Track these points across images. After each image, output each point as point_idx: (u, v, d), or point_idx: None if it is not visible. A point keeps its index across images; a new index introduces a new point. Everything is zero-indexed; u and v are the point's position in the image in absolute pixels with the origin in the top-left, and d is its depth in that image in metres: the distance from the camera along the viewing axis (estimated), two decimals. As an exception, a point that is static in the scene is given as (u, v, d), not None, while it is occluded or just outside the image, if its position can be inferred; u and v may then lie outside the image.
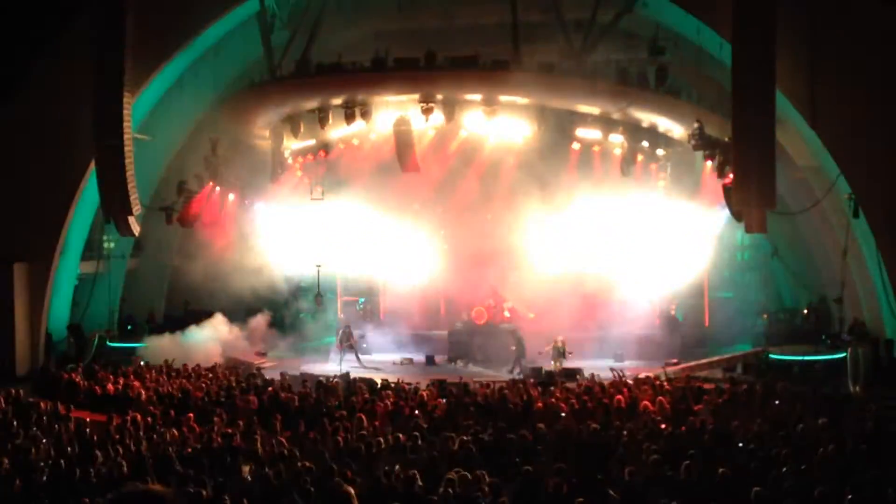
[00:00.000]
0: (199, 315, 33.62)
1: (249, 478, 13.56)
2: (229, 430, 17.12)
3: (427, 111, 26.89)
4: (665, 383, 23.31)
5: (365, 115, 27.78)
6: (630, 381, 23.59)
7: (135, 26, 25.76)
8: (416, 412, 19.63)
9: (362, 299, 36.71)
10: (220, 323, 32.45)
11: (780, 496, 11.65)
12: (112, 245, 32.98)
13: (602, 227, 31.85)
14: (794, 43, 23.02)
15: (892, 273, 24.29)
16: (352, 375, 26.31)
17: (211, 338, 31.74)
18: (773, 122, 21.84)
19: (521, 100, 27.31)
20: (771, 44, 21.47)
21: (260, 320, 33.22)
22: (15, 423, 18.65)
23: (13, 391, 22.47)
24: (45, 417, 19.46)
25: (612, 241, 32.02)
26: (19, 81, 29.02)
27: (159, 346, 30.83)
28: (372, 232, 34.95)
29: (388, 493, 11.96)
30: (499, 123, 27.69)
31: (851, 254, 26.57)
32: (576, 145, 28.48)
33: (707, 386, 23.37)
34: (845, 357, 25.32)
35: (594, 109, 27.91)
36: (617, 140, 28.29)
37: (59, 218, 29.22)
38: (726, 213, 25.90)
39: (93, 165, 26.92)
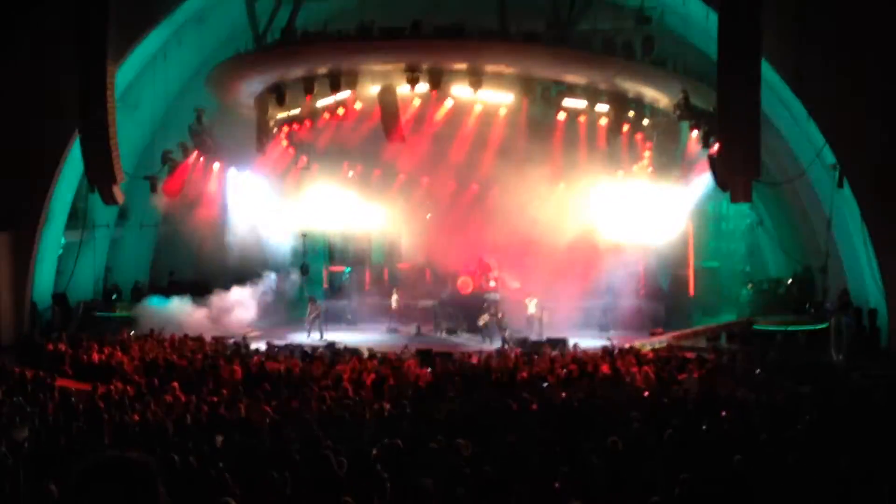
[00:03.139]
0: (184, 285, 33.58)
1: (223, 447, 13.53)
2: (215, 399, 17.13)
3: (412, 81, 26.81)
4: (649, 353, 23.41)
5: (350, 84, 27.69)
6: (615, 351, 23.67)
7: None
8: (401, 382, 19.68)
9: (348, 269, 36.70)
10: (205, 292, 32.38)
11: (761, 464, 11.72)
12: (96, 214, 32.80)
13: (587, 197, 31.91)
14: (780, 11, 22.93)
15: (876, 243, 24.37)
16: (337, 345, 26.33)
17: (196, 308, 31.69)
18: (759, 92, 21.77)
19: (507, 70, 27.24)
20: (757, 13, 21.37)
21: (245, 290, 33.13)
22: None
23: (-3, 360, 22.46)
24: (29, 386, 19.43)
25: (597, 211, 32.11)
26: (2, 46, 28.73)
27: (145, 316, 30.81)
28: (357, 201, 35.00)
29: (372, 462, 11.99)
30: (484, 93, 27.62)
31: (835, 224, 26.65)
32: (561, 115, 28.43)
33: (691, 355, 23.47)
34: (829, 326, 25.45)
35: (580, 79, 27.85)
36: (602, 110, 28.25)
37: (43, 187, 29.06)
38: (711, 182, 25.89)
39: (77, 134, 26.73)
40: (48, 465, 12.04)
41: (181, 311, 31.24)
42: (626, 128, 28.65)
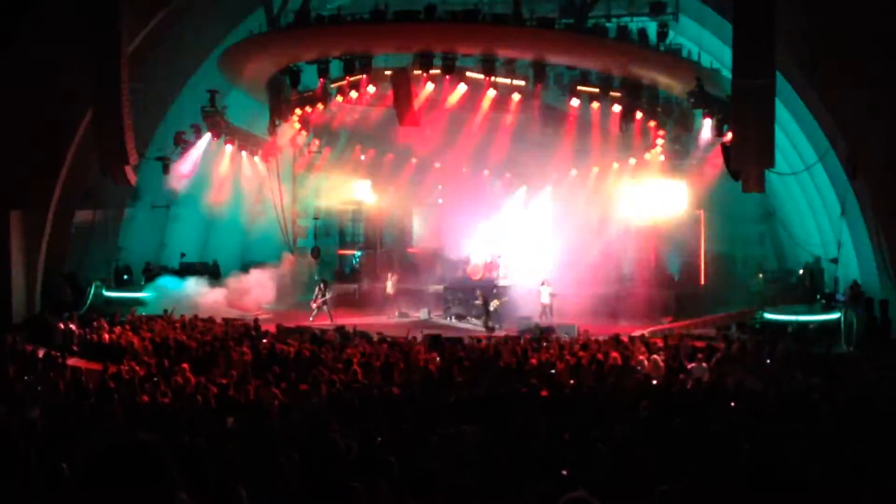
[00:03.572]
0: (195, 266, 33.66)
1: (233, 429, 13.57)
2: (224, 381, 17.17)
3: (426, 65, 26.81)
4: (659, 341, 23.39)
5: (364, 68, 27.69)
6: (625, 339, 23.66)
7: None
8: (410, 367, 19.71)
9: (359, 253, 36.74)
10: (216, 274, 32.47)
11: (770, 454, 11.72)
12: (109, 194, 32.82)
13: (600, 184, 31.96)
14: (795, 1, 22.84)
15: (888, 234, 24.30)
16: (347, 329, 26.36)
17: (208, 289, 31.78)
18: (774, 81, 21.72)
19: (521, 55, 27.20)
20: (772, 1, 21.33)
21: (264, 272, 33.19)
22: (10, 370, 18.70)
23: (9, 338, 22.52)
24: (40, 365, 19.53)
25: (609, 198, 32.15)
26: (16, 27, 28.73)
27: (158, 296, 30.95)
28: (369, 185, 35.11)
29: (380, 446, 12.02)
30: (498, 79, 27.59)
31: (847, 214, 26.58)
32: (574, 101, 28.36)
33: (701, 344, 23.44)
34: (839, 317, 25.41)
35: (594, 66, 27.78)
36: (616, 97, 28.18)
37: (56, 166, 29.07)
38: (724, 171, 25.82)
39: (90, 114, 26.77)
40: (59, 443, 12.10)
41: (195, 292, 31.33)
42: (639, 115, 28.55)
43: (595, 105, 28.36)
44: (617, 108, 28.17)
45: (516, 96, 28.17)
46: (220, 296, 31.47)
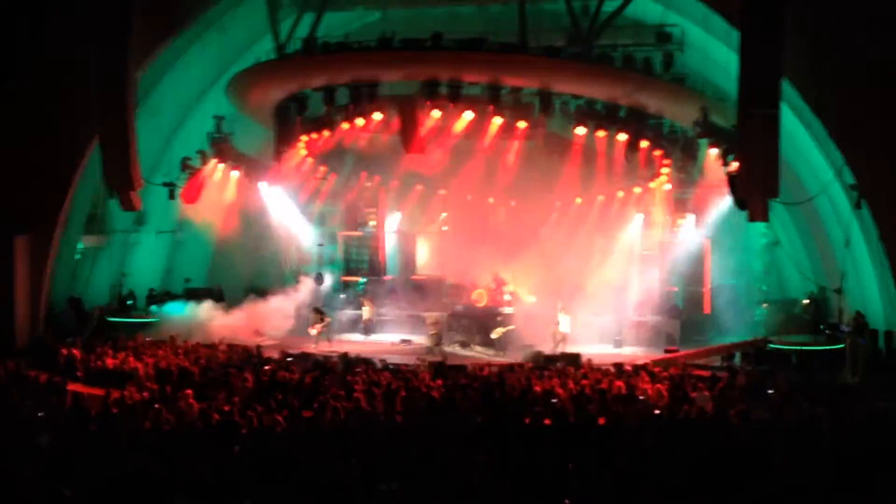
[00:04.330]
0: (200, 292, 33.66)
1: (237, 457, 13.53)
2: (227, 408, 17.12)
3: (432, 93, 26.93)
4: (663, 370, 23.32)
5: (370, 95, 27.79)
6: (628, 368, 23.59)
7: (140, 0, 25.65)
8: (413, 394, 19.65)
9: (363, 280, 36.69)
10: (220, 300, 32.46)
11: (774, 485, 11.67)
12: (114, 220, 32.82)
13: (604, 212, 32.01)
14: (801, 31, 22.89)
15: (893, 264, 24.27)
16: (350, 355, 26.31)
17: (212, 315, 31.76)
18: (779, 111, 21.76)
19: (527, 84, 27.30)
20: (779, 31, 21.40)
21: (261, 299, 33.16)
22: (12, 395, 18.68)
23: (10, 364, 22.51)
24: (42, 390, 19.50)
25: (614, 227, 32.19)
26: (23, 51, 28.87)
27: (160, 322, 30.96)
28: (375, 212, 35.17)
29: (384, 473, 11.98)
30: (503, 107, 27.68)
31: (852, 244, 26.57)
32: (580, 130, 28.41)
33: (705, 374, 23.38)
34: (844, 348, 25.36)
35: (599, 95, 27.85)
36: (621, 126, 28.23)
37: (61, 191, 29.17)
38: (729, 200, 25.83)
39: (96, 139, 26.86)
40: (63, 469, 12.06)
41: (196, 319, 31.32)
42: (644, 144, 28.57)
43: (601, 133, 28.41)
44: (622, 136, 28.21)
45: (522, 124, 28.22)
46: (224, 321, 31.41)
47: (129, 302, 33.86)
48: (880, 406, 19.22)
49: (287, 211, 34.32)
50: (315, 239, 35.35)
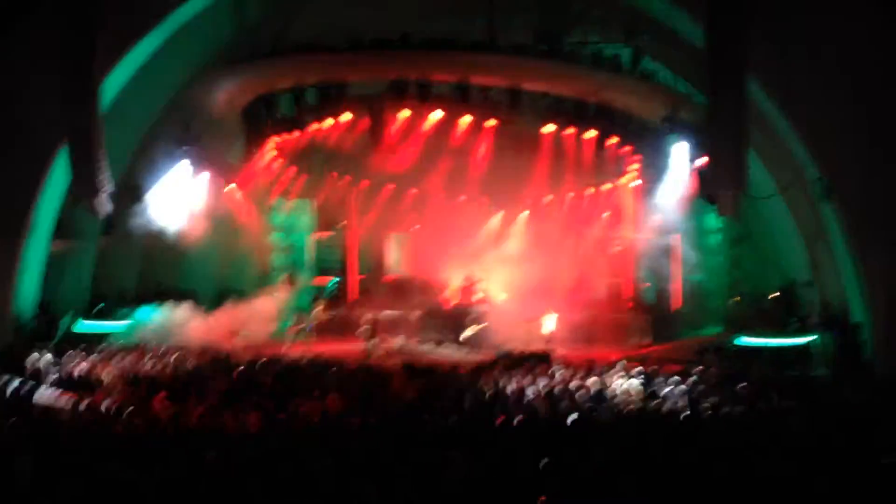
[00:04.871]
0: (171, 295, 33.45)
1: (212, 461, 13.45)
2: (199, 411, 17.03)
3: (401, 92, 26.97)
4: (634, 366, 23.38)
5: (339, 95, 27.78)
6: (601, 365, 23.64)
7: (107, 2, 25.45)
8: (387, 394, 19.64)
9: (334, 280, 36.66)
10: (191, 303, 32.28)
11: (747, 478, 11.73)
12: (83, 224, 32.56)
13: (574, 210, 32.10)
14: (766, 25, 23.03)
15: (861, 256, 24.47)
16: (323, 357, 26.24)
17: (182, 318, 31.58)
18: (746, 105, 21.89)
19: (496, 84, 27.38)
20: (743, 26, 21.52)
21: (232, 301, 33.02)
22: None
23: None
24: (10, 399, 19.32)
25: (583, 224, 32.30)
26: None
27: (131, 327, 30.76)
28: (345, 212, 35.14)
29: (357, 472, 11.96)
30: (473, 105, 27.72)
31: (820, 237, 26.76)
32: (549, 128, 28.47)
33: (676, 368, 23.47)
34: (814, 341, 25.54)
35: (568, 92, 27.94)
36: (590, 122, 28.33)
37: (27, 196, 28.93)
38: (698, 195, 25.97)
39: (63, 143, 26.67)
40: (36, 478, 11.96)
41: (167, 322, 31.13)
42: (613, 140, 28.68)
43: (570, 130, 28.48)
44: (591, 133, 28.29)
45: (491, 122, 28.25)
46: (195, 324, 31.24)
47: (99, 306, 33.61)
48: (850, 398, 19.38)
49: (257, 212, 34.20)
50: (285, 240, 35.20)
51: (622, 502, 11.07)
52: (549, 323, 29.62)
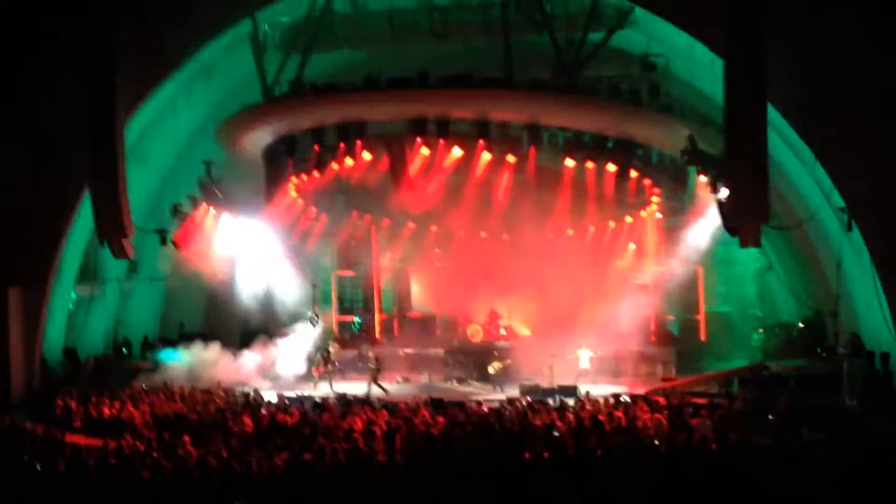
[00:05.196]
0: (195, 337, 33.55)
1: None
2: (224, 454, 17.02)
3: (420, 130, 27.09)
4: (661, 399, 23.25)
5: (359, 135, 27.91)
6: (626, 398, 23.52)
7: (128, 47, 25.70)
8: (413, 432, 19.57)
9: (358, 319, 36.69)
10: (216, 345, 32.33)
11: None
12: (106, 268, 32.71)
13: (596, 244, 32.04)
14: (786, 55, 23.03)
15: (887, 286, 24.29)
16: (348, 396, 26.21)
17: (207, 360, 31.64)
18: (766, 136, 21.84)
19: (514, 118, 27.44)
20: (762, 57, 21.49)
21: (258, 342, 33.03)
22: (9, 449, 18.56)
23: (7, 418, 22.36)
24: (39, 443, 19.37)
25: (606, 258, 32.21)
26: (11, 100, 28.90)
27: (156, 369, 30.85)
28: (367, 251, 35.19)
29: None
30: (492, 141, 27.76)
31: (845, 267, 26.60)
32: (569, 162, 28.47)
33: (703, 401, 23.33)
34: (841, 370, 25.34)
35: (587, 126, 27.96)
36: (610, 156, 28.30)
37: (53, 241, 29.18)
38: (720, 227, 25.88)
39: (86, 188, 26.87)
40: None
41: (192, 364, 31.20)
42: (633, 173, 28.63)
43: (590, 164, 28.48)
44: (611, 167, 28.27)
45: (511, 158, 28.27)
46: (220, 366, 31.27)
47: (124, 350, 33.76)
48: (879, 428, 19.21)
49: (280, 253, 34.27)
50: (308, 279, 35.20)
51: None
52: (584, 358, 29.41)
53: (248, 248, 33.31)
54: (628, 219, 32.23)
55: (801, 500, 12.06)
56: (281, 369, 32.03)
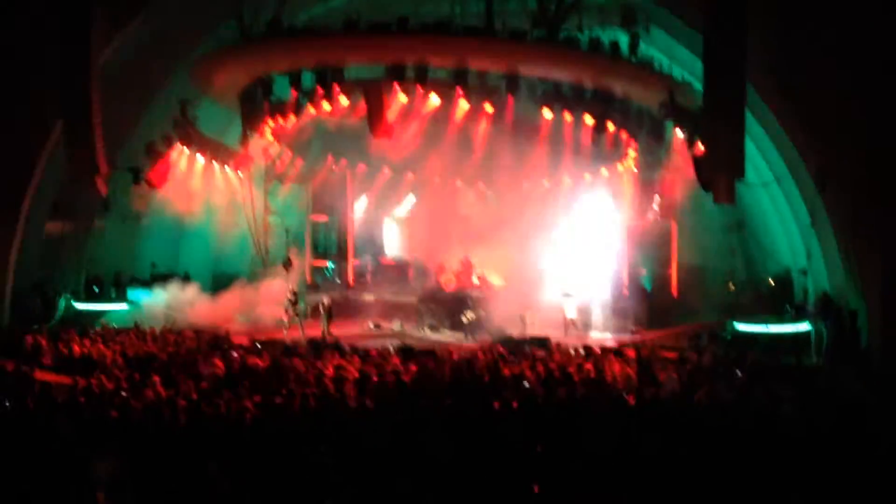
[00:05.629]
0: (166, 277, 33.48)
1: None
2: (195, 395, 17.03)
3: (398, 77, 26.92)
4: (631, 352, 23.42)
5: (336, 79, 27.70)
6: (597, 351, 23.67)
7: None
8: (384, 379, 19.64)
9: (331, 264, 36.69)
10: (187, 286, 32.28)
11: (743, 469, 11.75)
12: (79, 205, 32.49)
13: (570, 196, 32.09)
14: (765, 12, 22.98)
15: (856, 245, 24.49)
16: (319, 342, 26.26)
17: (180, 300, 31.61)
18: (744, 92, 21.85)
19: (493, 69, 27.32)
20: (742, 13, 21.46)
21: (229, 284, 33.02)
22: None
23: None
24: (8, 379, 19.32)
25: (580, 210, 32.30)
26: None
27: (128, 309, 30.80)
28: (341, 196, 35.09)
29: (357, 459, 11.97)
30: (470, 90, 27.65)
31: (816, 225, 26.77)
32: (547, 114, 28.42)
33: (672, 355, 23.52)
34: (810, 329, 25.58)
35: (566, 78, 27.89)
36: (588, 108, 28.27)
37: (25, 178, 28.92)
38: (695, 182, 25.95)
39: (60, 124, 26.62)
40: (27, 460, 11.97)
41: (162, 304, 31.16)
42: (611, 126, 28.63)
43: (567, 116, 28.44)
44: (589, 119, 28.25)
45: (489, 107, 28.18)
46: (191, 307, 31.24)
47: (95, 288, 33.63)
48: (845, 386, 19.43)
49: (253, 196, 34.18)
50: (282, 224, 35.14)
51: (615, 491, 11.09)
52: (571, 308, 29.51)
53: (222, 190, 33.17)
54: (604, 171, 32.26)
55: (767, 456, 12.18)
56: (250, 312, 32.01)
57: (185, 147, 31.10)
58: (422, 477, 11.24)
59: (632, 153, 30.70)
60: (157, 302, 31.48)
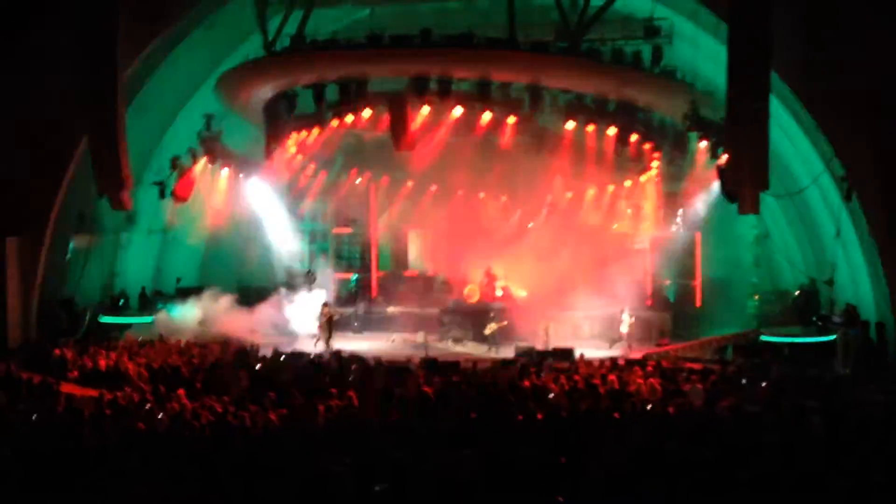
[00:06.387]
0: (191, 292, 33.59)
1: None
2: (219, 408, 17.10)
3: (421, 89, 26.98)
4: (655, 364, 23.35)
5: (360, 92, 27.79)
6: (621, 363, 23.62)
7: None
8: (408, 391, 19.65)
9: (355, 277, 36.73)
10: (213, 299, 32.36)
11: (766, 479, 11.69)
12: (104, 219, 32.68)
13: (595, 207, 32.04)
14: (789, 23, 22.91)
15: (884, 256, 24.31)
16: (343, 353, 26.27)
17: (204, 314, 31.68)
18: (768, 103, 21.82)
19: (516, 81, 27.34)
20: (767, 23, 21.44)
21: (254, 296, 33.07)
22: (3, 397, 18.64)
23: (2, 365, 22.46)
24: (34, 392, 19.46)
25: (605, 221, 32.22)
26: (11, 51, 28.74)
27: (153, 322, 30.90)
28: (365, 208, 35.18)
29: (377, 471, 11.98)
30: (493, 102, 27.67)
31: (843, 236, 26.60)
32: (570, 124, 28.42)
33: (697, 367, 23.44)
34: (835, 339, 25.41)
35: (589, 89, 27.88)
36: (611, 120, 28.24)
37: (51, 192, 29.12)
38: (719, 193, 25.88)
39: (86, 138, 26.83)
40: (53, 472, 12.04)
41: (188, 317, 31.22)
42: (634, 137, 28.59)
43: (590, 128, 28.42)
44: (612, 130, 28.22)
45: (512, 119, 28.19)
46: (216, 320, 31.27)
47: (120, 301, 33.78)
48: (871, 398, 19.28)
49: (277, 209, 34.30)
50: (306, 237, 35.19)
51: (639, 502, 11.05)
52: (625, 324, 29.22)
53: (247, 203, 33.31)
54: (627, 182, 32.21)
55: (792, 468, 12.12)
56: (294, 326, 32.02)
57: (210, 161, 31.24)
58: (444, 489, 11.24)
59: (655, 164, 30.60)
60: (190, 314, 31.53)
